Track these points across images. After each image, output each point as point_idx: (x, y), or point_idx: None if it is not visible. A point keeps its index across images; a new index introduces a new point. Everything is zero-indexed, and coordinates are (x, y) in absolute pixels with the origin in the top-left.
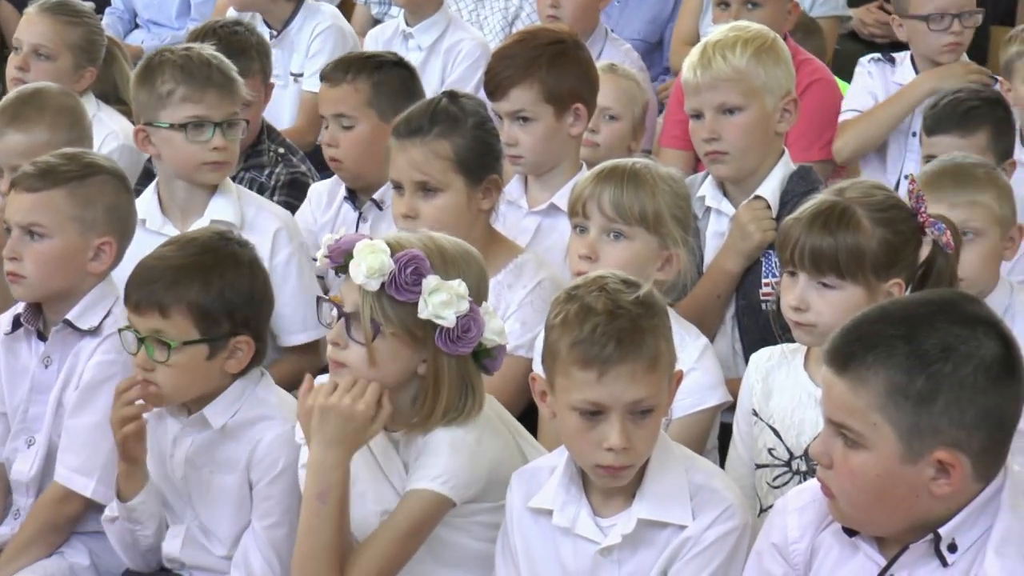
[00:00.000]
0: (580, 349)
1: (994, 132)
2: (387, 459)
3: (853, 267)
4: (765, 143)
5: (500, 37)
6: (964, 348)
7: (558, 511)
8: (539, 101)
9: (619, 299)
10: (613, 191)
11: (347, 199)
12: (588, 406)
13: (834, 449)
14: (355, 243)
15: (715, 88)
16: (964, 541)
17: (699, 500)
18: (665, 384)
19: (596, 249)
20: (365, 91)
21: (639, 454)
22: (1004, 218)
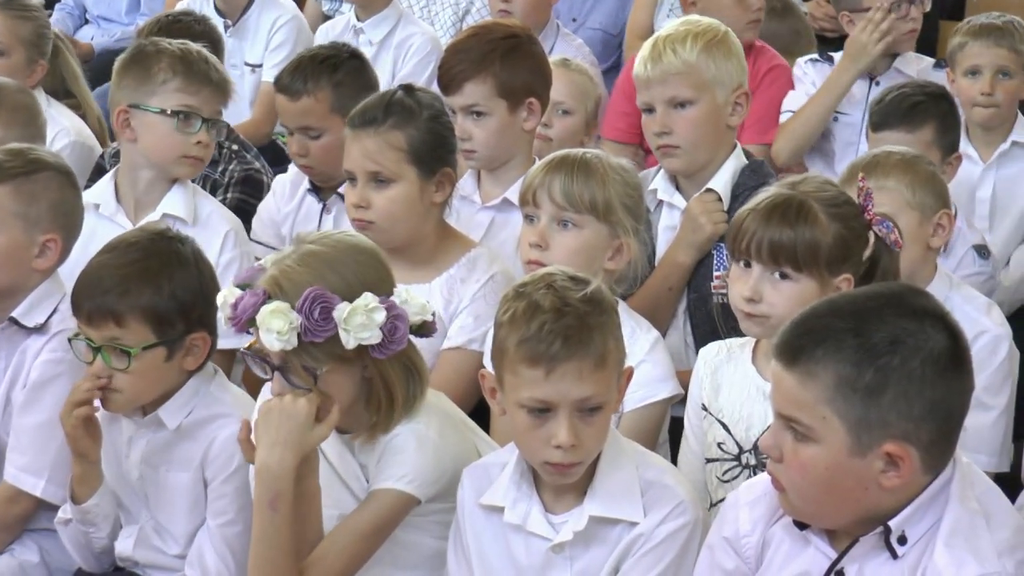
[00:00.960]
0: (527, 347)
1: (940, 127)
2: (343, 462)
3: (809, 260)
4: (716, 136)
5: (451, 32)
6: (912, 341)
7: (509, 508)
8: (492, 96)
9: (567, 296)
10: (563, 180)
11: (311, 191)
12: (536, 403)
13: (784, 443)
14: (252, 308)
15: (666, 82)
16: (914, 533)
17: (650, 496)
18: (614, 381)
19: (546, 238)
20: (326, 99)
21: (588, 451)
22: (921, 204)
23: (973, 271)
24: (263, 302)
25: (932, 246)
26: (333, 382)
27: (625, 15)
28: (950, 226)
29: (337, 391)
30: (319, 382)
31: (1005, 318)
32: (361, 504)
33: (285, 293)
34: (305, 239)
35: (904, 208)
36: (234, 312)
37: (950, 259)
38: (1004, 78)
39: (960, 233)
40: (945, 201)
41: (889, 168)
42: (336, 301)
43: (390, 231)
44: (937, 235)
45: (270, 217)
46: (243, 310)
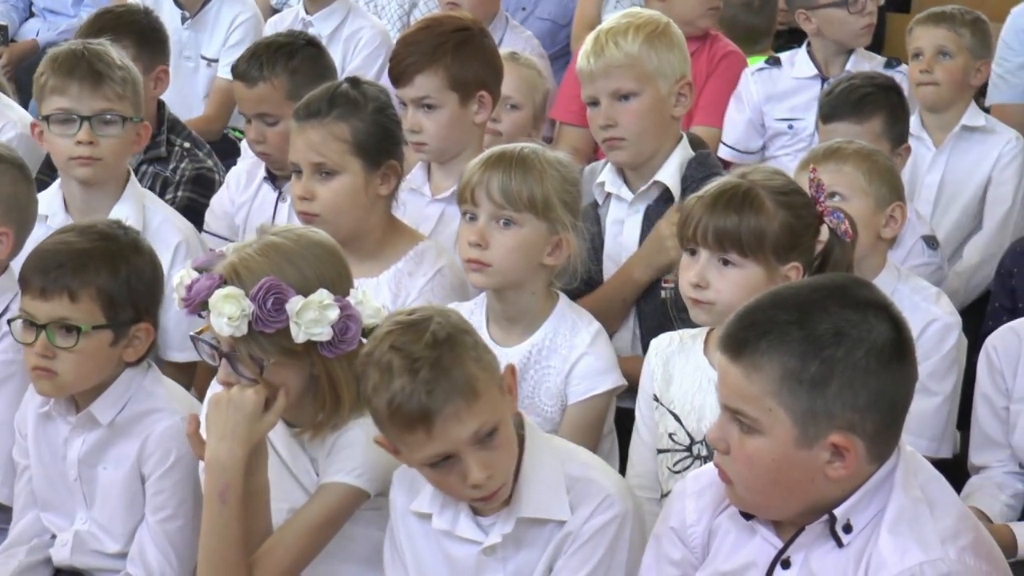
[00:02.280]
0: (398, 414)
1: (888, 118)
2: (293, 456)
3: (755, 246)
4: (661, 128)
5: (398, 25)
6: (856, 332)
7: (437, 515)
8: (444, 88)
9: (412, 351)
10: (501, 177)
11: (267, 179)
12: (435, 459)
13: (730, 435)
14: (205, 291)
15: (609, 75)
16: (859, 521)
17: (576, 493)
18: (496, 396)
19: (486, 236)
20: (282, 85)
21: (505, 471)
22: (876, 193)
23: (922, 261)
24: (218, 286)
25: (883, 236)
26: (279, 375)
27: (574, 3)
28: (902, 219)
29: (283, 384)
30: (265, 373)
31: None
32: (311, 498)
33: (241, 280)
34: (268, 230)
35: (859, 193)
36: (188, 293)
37: (899, 249)
38: (945, 58)
39: (910, 223)
40: (900, 195)
41: (849, 154)
42: (291, 294)
43: (335, 223)
44: (889, 226)
45: (223, 209)
46: (197, 292)
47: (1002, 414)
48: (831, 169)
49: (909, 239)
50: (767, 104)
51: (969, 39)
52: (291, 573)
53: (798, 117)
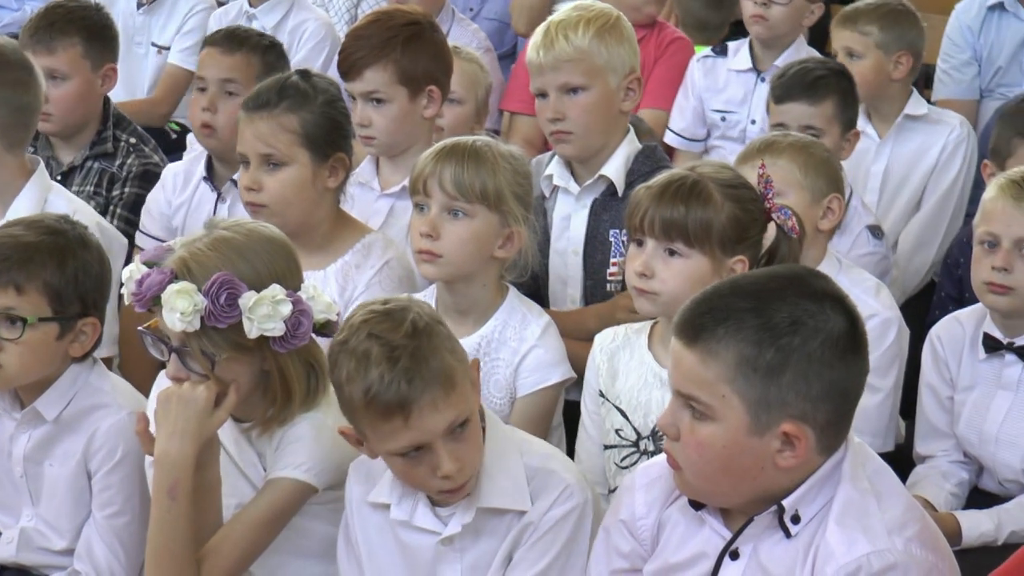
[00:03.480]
0: (375, 402)
1: (841, 101)
2: (240, 451)
3: (701, 237)
4: (609, 122)
5: (346, 19)
6: (812, 322)
7: (395, 505)
8: (393, 82)
9: (391, 339)
10: (454, 168)
11: (206, 179)
12: (408, 449)
13: (681, 421)
14: (157, 286)
15: (558, 69)
16: (807, 512)
17: (536, 483)
18: (468, 388)
19: (437, 227)
20: (256, 66)
21: (473, 464)
22: (812, 186)
23: (867, 251)
24: (169, 281)
25: (821, 228)
26: (230, 370)
27: None
28: (839, 211)
29: (234, 380)
30: (216, 368)
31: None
32: (258, 493)
33: (193, 275)
34: (217, 224)
35: (794, 187)
36: (138, 288)
37: (845, 238)
38: (854, 59)
39: (855, 212)
40: (837, 186)
41: (784, 148)
42: (243, 289)
43: (282, 214)
44: (827, 218)
45: (159, 210)
46: (148, 287)
47: (947, 404)
48: (766, 163)
49: (855, 228)
50: (706, 93)
51: (878, 36)
52: (239, 568)
53: (731, 110)
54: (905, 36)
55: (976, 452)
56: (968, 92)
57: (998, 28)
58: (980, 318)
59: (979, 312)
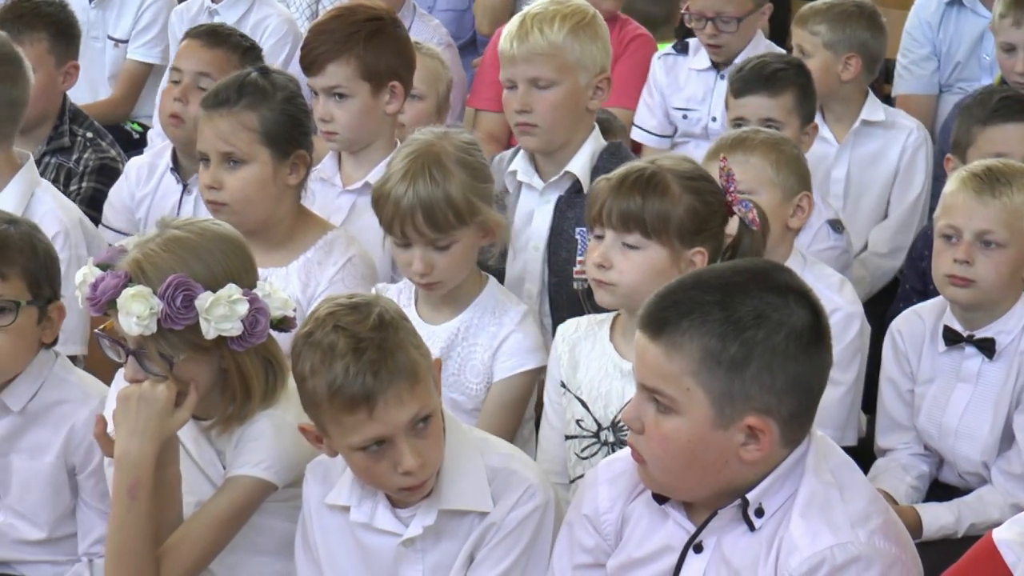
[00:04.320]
0: (340, 395)
1: (800, 94)
2: (199, 449)
3: (659, 227)
4: (575, 118)
5: (307, 14)
6: (776, 316)
7: (355, 507)
8: (355, 77)
9: (357, 331)
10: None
11: (173, 170)
12: (370, 443)
13: (646, 414)
14: (112, 290)
15: (530, 61)
16: (771, 505)
17: (498, 484)
18: (431, 385)
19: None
20: (235, 64)
21: (435, 462)
22: (784, 184)
23: (827, 245)
24: (124, 284)
25: (790, 226)
26: (189, 370)
27: None
28: (809, 209)
29: (192, 380)
30: (174, 369)
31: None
32: (218, 491)
33: (147, 277)
34: (170, 224)
35: (766, 185)
36: (93, 293)
37: (805, 233)
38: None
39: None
40: (807, 184)
41: (756, 145)
42: (199, 290)
43: (243, 213)
44: (796, 216)
45: (122, 203)
46: (103, 291)
47: (907, 397)
48: (738, 160)
49: (815, 223)
50: (668, 91)
51: (827, 35)
52: (198, 566)
53: (693, 108)
54: (856, 37)
55: (936, 445)
56: (927, 87)
57: (957, 23)
58: (940, 311)
59: (939, 305)
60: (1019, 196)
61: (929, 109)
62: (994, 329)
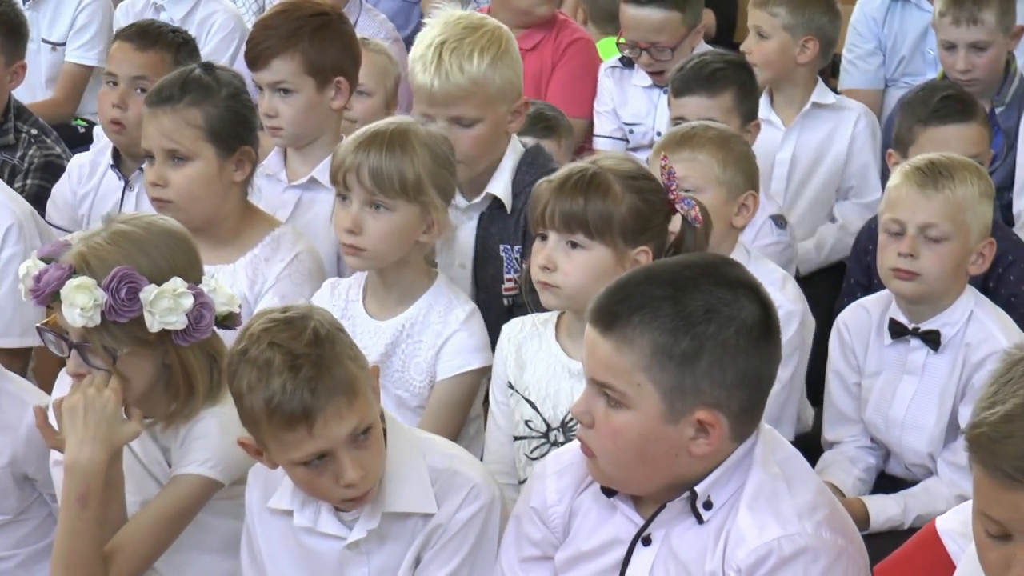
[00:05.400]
0: (279, 412)
1: (739, 93)
2: (144, 448)
3: (602, 228)
4: (496, 146)
5: (254, 9)
6: (727, 310)
7: (298, 512)
8: (300, 73)
9: (293, 348)
10: (372, 162)
11: (113, 167)
12: (311, 458)
13: (596, 408)
14: (56, 281)
15: (452, 102)
16: (719, 498)
17: (441, 485)
18: (370, 396)
19: (359, 223)
20: (169, 63)
21: (377, 471)
22: (730, 182)
23: (771, 240)
24: (68, 276)
25: (735, 225)
26: (132, 365)
27: None
28: (754, 207)
29: (135, 374)
30: (118, 363)
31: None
32: (163, 489)
33: (92, 270)
34: (116, 218)
35: (712, 183)
36: (36, 284)
37: (749, 229)
38: (761, 40)
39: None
40: (753, 183)
41: (704, 142)
42: (144, 283)
43: (189, 210)
44: (741, 215)
45: (64, 200)
46: (47, 283)
47: (854, 390)
48: (685, 157)
49: (758, 219)
50: (616, 102)
51: (786, 17)
52: (145, 565)
53: (638, 122)
54: (814, 21)
55: (883, 437)
56: (873, 82)
57: (902, 18)
58: (886, 304)
59: (884, 298)
60: (961, 189)
61: (875, 103)
62: (939, 321)
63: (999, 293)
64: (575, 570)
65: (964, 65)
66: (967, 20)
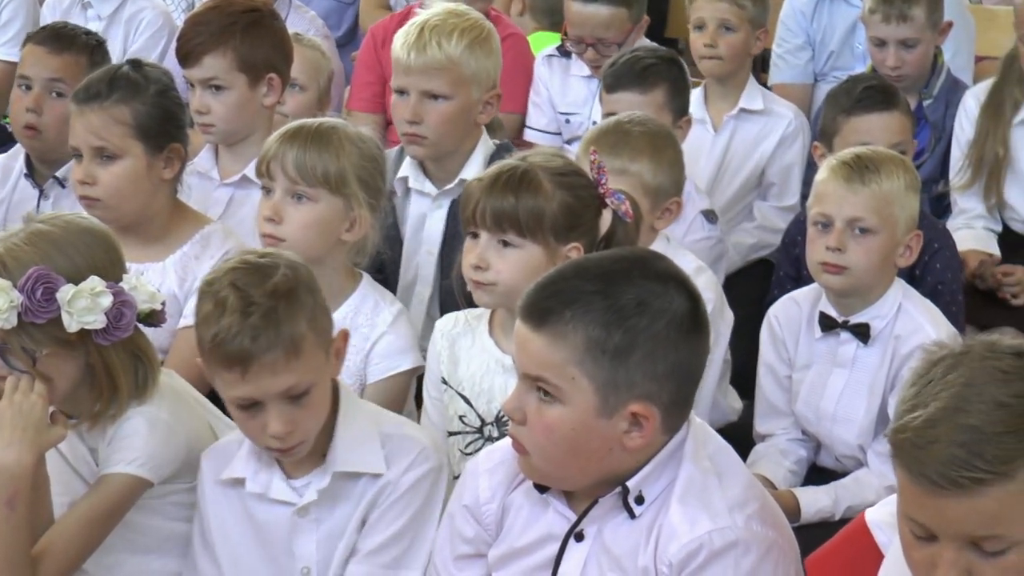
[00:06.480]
0: (219, 350)
1: (671, 89)
2: (71, 448)
3: (533, 225)
4: (464, 131)
5: (183, 6)
6: (658, 303)
7: (250, 479)
8: (232, 69)
9: (250, 294)
10: (296, 152)
11: (27, 176)
12: (243, 401)
13: (528, 404)
14: None
15: (426, 74)
16: (651, 493)
17: (392, 447)
18: (320, 359)
19: (280, 211)
20: (84, 66)
21: (307, 431)
22: (656, 190)
23: (702, 235)
24: None
25: (656, 228)
26: (53, 365)
27: None
28: (676, 212)
29: (57, 375)
30: (38, 364)
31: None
32: (91, 489)
33: (8, 271)
34: (35, 218)
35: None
36: None
37: (679, 224)
38: (728, 32)
39: (689, 198)
40: (679, 188)
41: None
42: (61, 282)
43: (117, 208)
44: (663, 218)
45: None
46: None
47: (785, 383)
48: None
49: (689, 214)
50: (553, 92)
51: (751, 10)
52: (74, 566)
53: (575, 112)
54: (766, 13)
55: (813, 429)
56: (803, 76)
57: (830, 13)
58: (816, 298)
59: (815, 292)
60: (888, 183)
61: (805, 98)
62: (868, 314)
63: (925, 282)
64: (508, 567)
65: (894, 62)
66: (896, 17)
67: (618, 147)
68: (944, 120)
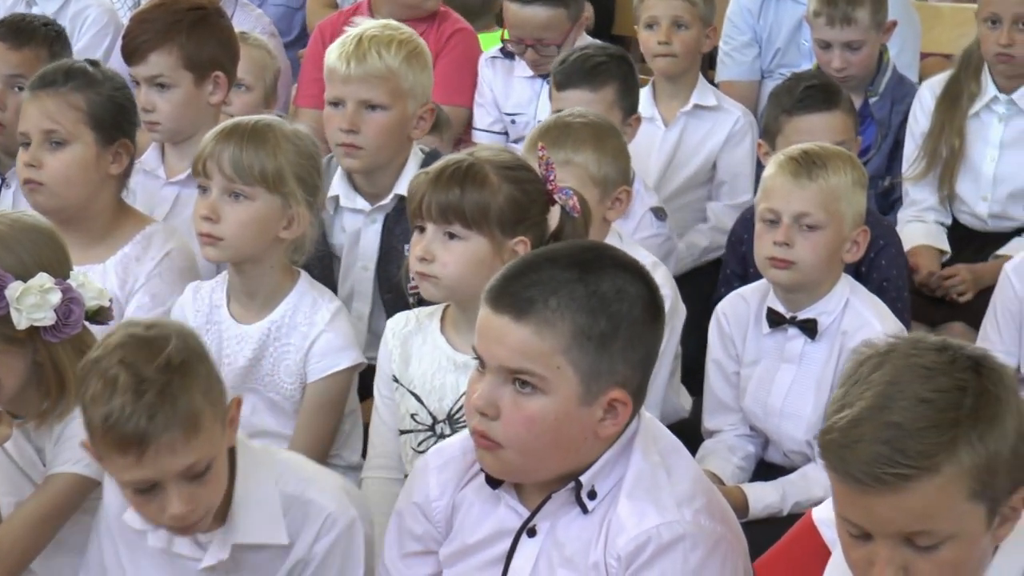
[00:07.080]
0: (113, 432)
1: (621, 87)
2: (18, 448)
3: (479, 218)
4: (398, 144)
5: (129, 4)
6: (632, 290)
7: (151, 532)
8: (178, 67)
9: (142, 371)
10: (233, 150)
11: None
12: (139, 484)
13: (502, 399)
14: None
15: (366, 82)
16: (603, 487)
17: (294, 515)
18: (218, 432)
19: (217, 210)
20: (44, 59)
21: (208, 505)
22: (604, 180)
23: (651, 233)
24: None
25: (608, 219)
26: (2, 363)
27: None
28: (627, 201)
29: (6, 373)
30: None
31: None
32: (39, 488)
33: None
34: None
35: (587, 184)
36: None
37: (629, 221)
38: (681, 30)
39: (638, 195)
40: (626, 177)
41: (578, 142)
42: (9, 279)
43: (60, 196)
44: (614, 208)
45: None
46: None
47: (733, 379)
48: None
49: (638, 211)
50: (497, 92)
51: (702, 8)
52: (20, 566)
53: (520, 112)
54: (714, 10)
55: (762, 425)
56: (749, 73)
57: (776, 11)
58: (764, 294)
59: (763, 288)
60: (835, 178)
61: (751, 95)
62: (816, 310)
63: (871, 278)
64: (460, 564)
65: (839, 64)
66: (841, 20)
67: (561, 139)
68: (890, 117)
